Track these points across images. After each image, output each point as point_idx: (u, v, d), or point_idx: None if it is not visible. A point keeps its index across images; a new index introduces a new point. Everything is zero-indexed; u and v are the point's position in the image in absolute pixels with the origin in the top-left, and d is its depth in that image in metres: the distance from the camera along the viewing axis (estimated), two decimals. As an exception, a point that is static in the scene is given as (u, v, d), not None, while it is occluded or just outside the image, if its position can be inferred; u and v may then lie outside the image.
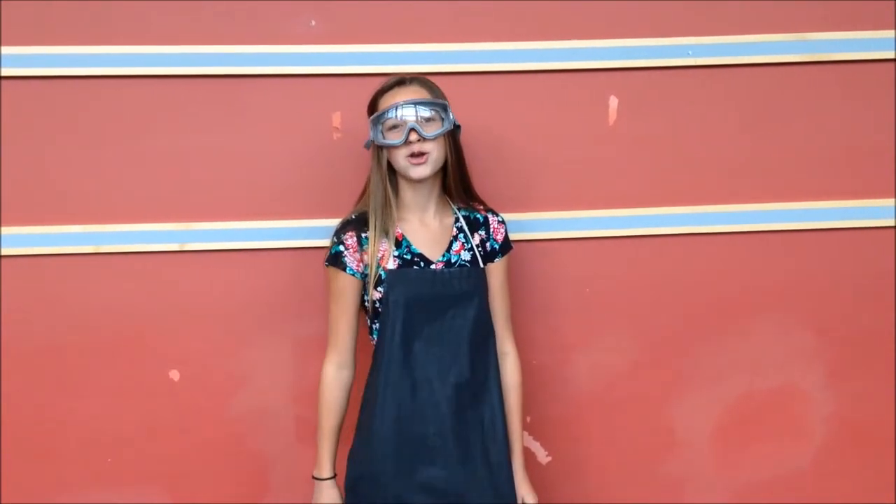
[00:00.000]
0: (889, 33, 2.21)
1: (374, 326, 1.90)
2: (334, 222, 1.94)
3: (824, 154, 2.26)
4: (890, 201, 2.26)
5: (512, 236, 2.16)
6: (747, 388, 2.29)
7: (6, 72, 2.06)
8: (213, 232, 2.13)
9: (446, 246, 1.90)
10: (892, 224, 2.27)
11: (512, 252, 2.00)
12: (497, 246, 1.95)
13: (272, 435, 2.19)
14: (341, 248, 1.87)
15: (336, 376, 1.89)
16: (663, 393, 2.28)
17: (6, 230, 2.09)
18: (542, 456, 2.27)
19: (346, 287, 1.87)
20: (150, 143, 2.11)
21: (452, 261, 1.89)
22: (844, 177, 2.26)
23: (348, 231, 1.87)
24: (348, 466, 1.89)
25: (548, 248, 2.21)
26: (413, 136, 1.80)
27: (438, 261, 1.88)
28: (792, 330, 2.29)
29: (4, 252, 2.09)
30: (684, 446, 2.30)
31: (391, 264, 1.85)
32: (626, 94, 2.19)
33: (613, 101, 2.20)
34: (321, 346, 1.97)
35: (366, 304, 1.89)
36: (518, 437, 1.96)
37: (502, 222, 1.98)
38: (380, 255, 1.85)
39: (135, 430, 2.16)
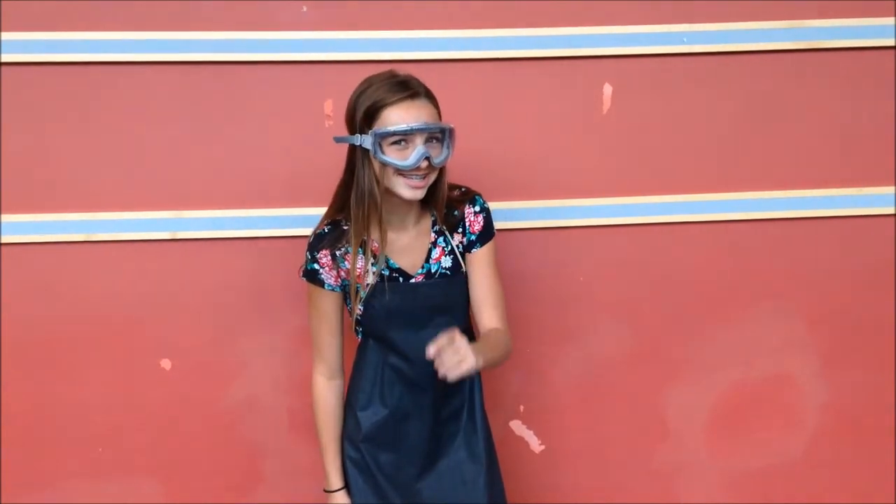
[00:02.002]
0: (889, 20, 2.19)
1: (358, 329, 1.85)
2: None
3: (822, 142, 2.24)
4: (890, 189, 2.25)
5: (505, 225, 2.15)
6: (741, 378, 2.29)
7: (6, 58, 2.04)
8: (204, 220, 2.12)
9: (425, 255, 1.81)
10: (892, 212, 2.26)
11: (495, 239, 1.86)
12: (474, 237, 1.83)
13: (265, 425, 2.19)
14: (316, 266, 1.78)
15: (328, 386, 1.85)
16: (657, 382, 2.28)
17: (4, 217, 2.09)
18: (536, 445, 2.27)
19: (325, 301, 1.80)
20: (142, 130, 2.10)
21: (433, 271, 1.80)
22: (843, 165, 2.25)
23: (322, 249, 1.77)
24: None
25: (541, 237, 2.20)
26: (424, 164, 1.68)
27: (418, 273, 1.80)
28: (787, 319, 2.28)
29: (2, 240, 2.09)
30: (678, 435, 2.30)
31: (370, 279, 1.77)
32: (620, 82, 2.17)
33: (608, 89, 2.18)
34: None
35: (349, 308, 1.84)
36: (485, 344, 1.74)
37: (480, 211, 1.84)
38: (357, 273, 1.77)
39: (127, 420, 2.16)
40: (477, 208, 1.84)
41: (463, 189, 1.86)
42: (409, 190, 1.71)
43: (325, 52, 2.09)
